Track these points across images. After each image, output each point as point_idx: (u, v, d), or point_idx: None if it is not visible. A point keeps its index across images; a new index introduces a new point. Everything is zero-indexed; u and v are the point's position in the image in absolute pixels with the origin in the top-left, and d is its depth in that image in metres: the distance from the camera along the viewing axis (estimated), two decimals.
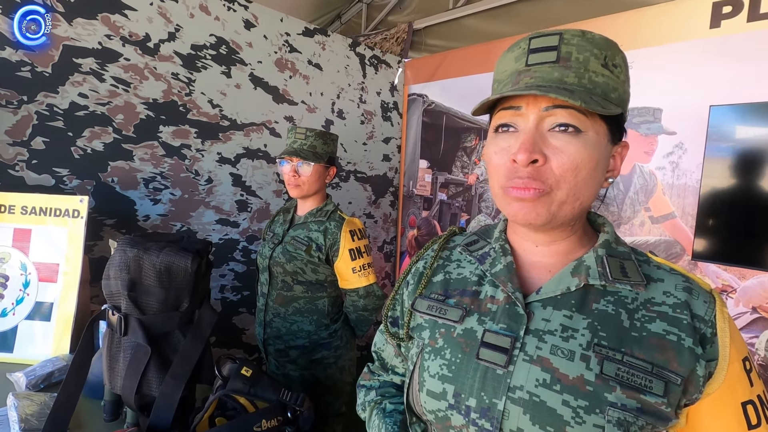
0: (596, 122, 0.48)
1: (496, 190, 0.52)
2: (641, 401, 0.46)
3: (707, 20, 1.52)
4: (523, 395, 0.48)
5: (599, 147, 0.49)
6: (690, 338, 0.48)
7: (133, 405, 0.83)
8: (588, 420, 0.45)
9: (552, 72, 0.47)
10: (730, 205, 1.49)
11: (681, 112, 1.59)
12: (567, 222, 0.52)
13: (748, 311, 1.48)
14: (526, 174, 0.48)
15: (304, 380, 1.43)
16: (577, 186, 0.48)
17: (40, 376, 1.04)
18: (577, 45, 0.47)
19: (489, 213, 2.30)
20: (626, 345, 0.48)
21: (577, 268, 0.53)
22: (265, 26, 1.92)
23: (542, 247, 0.56)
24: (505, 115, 0.51)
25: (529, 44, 0.49)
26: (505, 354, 0.50)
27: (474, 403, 0.50)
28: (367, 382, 0.75)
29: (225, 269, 1.91)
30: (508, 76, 0.51)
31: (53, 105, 1.40)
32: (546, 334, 0.50)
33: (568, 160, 0.47)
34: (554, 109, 0.47)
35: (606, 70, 0.48)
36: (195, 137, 1.75)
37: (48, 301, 1.20)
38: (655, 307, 0.50)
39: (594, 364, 0.47)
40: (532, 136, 0.48)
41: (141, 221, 1.63)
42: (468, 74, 2.32)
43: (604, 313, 0.50)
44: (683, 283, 0.51)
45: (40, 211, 1.22)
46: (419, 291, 0.62)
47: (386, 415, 0.66)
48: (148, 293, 0.84)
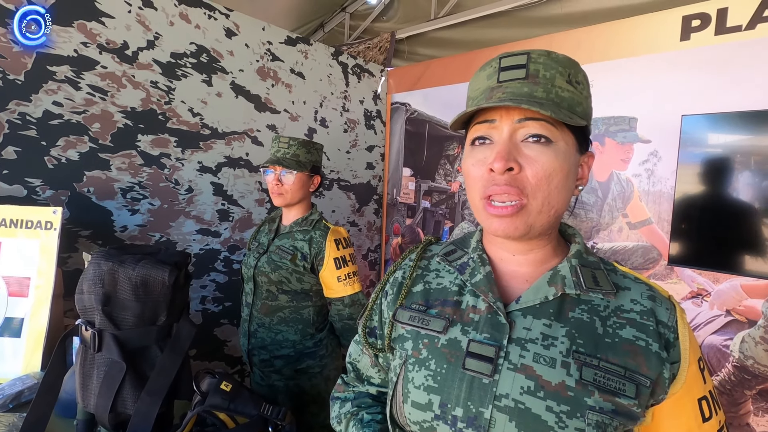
0: (565, 133, 0.51)
1: (476, 202, 0.54)
2: (616, 403, 0.49)
3: (677, 33, 1.58)
4: (509, 403, 0.49)
5: (569, 156, 0.52)
6: (656, 343, 0.51)
7: (107, 424, 0.80)
8: (570, 424, 0.47)
9: (522, 87, 0.50)
10: (703, 211, 1.53)
11: (655, 121, 1.65)
12: (544, 231, 0.55)
13: (722, 314, 1.53)
14: (504, 181, 0.50)
15: (289, 390, 1.41)
16: (551, 194, 0.51)
17: (9, 396, 0.99)
18: (544, 63, 0.51)
19: (472, 220, 2.32)
20: (601, 351, 0.51)
21: (553, 277, 0.55)
22: (247, 35, 1.91)
23: (519, 256, 0.58)
24: (480, 129, 0.53)
25: (499, 63, 0.52)
26: (491, 363, 0.51)
27: (461, 412, 0.51)
28: (342, 393, 0.74)
29: (206, 280, 1.88)
30: (481, 93, 0.54)
31: (26, 113, 1.36)
32: (528, 342, 0.52)
33: (542, 169, 0.50)
34: (526, 121, 0.50)
35: (570, 86, 0.51)
36: (175, 146, 1.72)
37: (18, 317, 1.15)
38: (624, 314, 0.53)
39: (574, 370, 0.50)
40: (507, 146, 0.50)
41: (118, 232, 1.59)
42: (450, 83, 2.35)
43: (579, 321, 0.53)
44: (647, 291, 0.55)
45: (11, 223, 1.18)
46: (400, 301, 0.62)
47: (364, 425, 0.65)
48: (123, 308, 0.82)
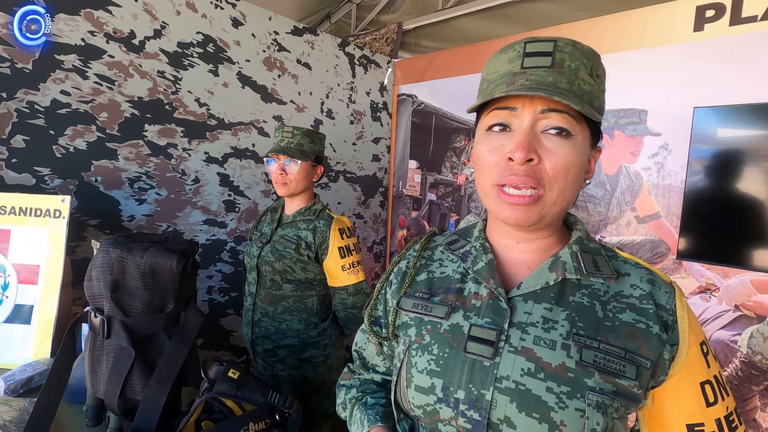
0: (583, 127, 0.51)
1: (488, 189, 0.54)
2: (616, 385, 0.49)
3: (691, 24, 1.54)
4: (510, 384, 0.50)
5: (584, 150, 0.52)
6: (656, 325, 0.52)
7: (116, 409, 0.81)
8: (570, 404, 0.48)
9: (546, 76, 0.49)
10: (714, 205, 1.51)
11: (666, 113, 1.62)
12: (552, 221, 0.55)
13: (730, 309, 1.51)
14: (522, 172, 0.49)
15: (292, 380, 1.42)
16: (566, 187, 0.51)
17: (20, 381, 1.01)
18: (570, 53, 0.50)
19: (478, 213, 2.30)
20: (601, 333, 0.52)
21: (554, 263, 0.55)
22: (254, 25, 1.90)
23: (523, 244, 0.58)
24: (499, 115, 0.52)
25: (524, 48, 0.51)
26: (492, 346, 0.52)
27: (462, 395, 0.52)
28: (348, 381, 0.75)
29: (212, 270, 1.89)
30: (500, 77, 0.53)
31: (34, 102, 1.37)
32: (528, 326, 0.53)
33: (561, 162, 0.50)
34: (549, 113, 0.50)
35: (591, 79, 0.51)
36: (181, 136, 1.72)
37: (28, 304, 1.16)
38: (624, 298, 0.54)
39: (574, 352, 0.50)
40: (528, 136, 0.50)
41: (126, 222, 1.60)
42: (457, 75, 2.32)
43: (580, 305, 0.53)
44: (647, 275, 0.55)
45: (20, 211, 1.19)
46: (404, 290, 0.63)
47: (368, 408, 0.67)
48: (131, 295, 0.82)
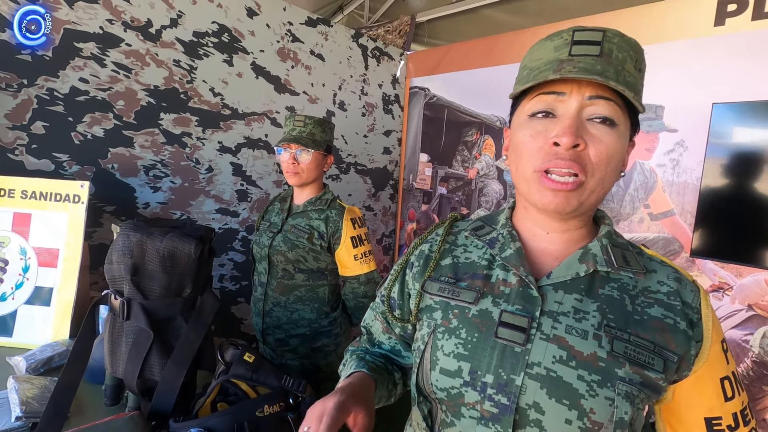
0: (626, 118, 0.52)
1: (529, 174, 0.53)
2: (644, 376, 0.51)
3: (712, 18, 1.52)
4: (541, 371, 0.51)
5: (625, 142, 0.53)
6: (684, 321, 0.53)
7: (135, 389, 0.83)
8: (600, 393, 0.49)
9: (595, 64, 0.49)
10: (730, 203, 1.49)
11: (683, 109, 1.60)
12: (588, 210, 0.55)
13: (743, 308, 1.50)
14: (568, 156, 0.50)
15: (303, 369, 1.43)
16: (606, 176, 0.52)
17: (40, 360, 1.03)
18: (618, 44, 0.50)
19: (488, 208, 2.30)
20: (631, 326, 0.52)
21: (584, 255, 0.56)
22: (268, 15, 1.91)
23: (553, 234, 0.58)
24: (545, 99, 0.52)
25: (572, 36, 0.51)
26: (524, 333, 0.53)
27: (491, 379, 0.53)
28: (354, 347, 0.76)
29: (224, 259, 1.91)
30: (545, 64, 0.52)
31: (53, 89, 1.39)
32: (560, 315, 0.53)
33: (605, 150, 0.50)
34: (597, 99, 0.50)
35: (636, 71, 0.51)
36: (196, 125, 1.74)
37: (48, 286, 1.19)
38: (652, 294, 0.55)
39: (605, 342, 0.51)
40: (575, 121, 0.50)
41: (141, 209, 1.63)
42: (471, 68, 2.31)
43: (610, 298, 0.54)
44: (674, 273, 0.57)
45: (41, 195, 1.21)
46: (428, 273, 0.64)
47: (360, 360, 0.67)
48: (151, 278, 0.84)
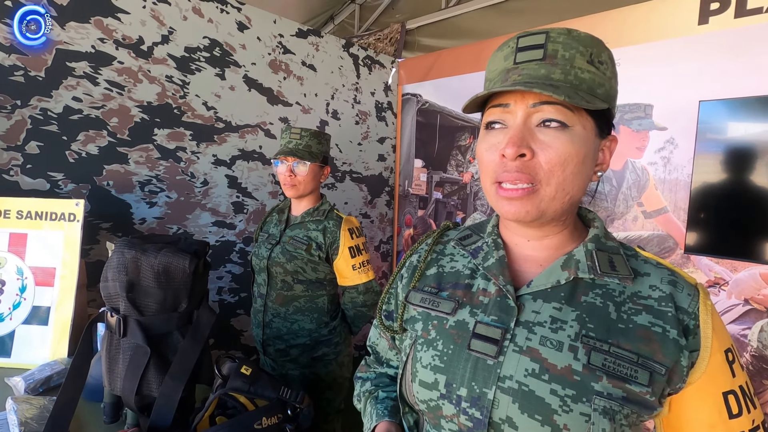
0: (583, 117, 0.49)
1: (488, 187, 0.54)
2: (627, 390, 0.47)
3: (695, 17, 1.54)
4: (513, 384, 0.49)
5: (587, 141, 0.50)
6: (674, 329, 0.49)
7: (133, 406, 0.83)
8: (575, 408, 0.46)
9: (539, 69, 0.48)
10: (721, 199, 1.51)
11: (671, 107, 1.62)
12: (557, 217, 0.53)
13: (740, 303, 1.51)
14: (515, 168, 0.49)
15: (305, 378, 1.43)
16: (565, 181, 0.49)
17: (39, 380, 1.03)
18: (563, 43, 0.48)
19: (484, 211, 2.31)
20: (613, 336, 0.49)
21: (567, 262, 0.54)
22: (258, 28, 1.93)
23: (534, 242, 0.57)
24: (494, 113, 0.52)
25: (517, 43, 0.51)
26: (496, 345, 0.51)
27: (465, 392, 0.51)
28: (364, 374, 0.77)
29: (222, 271, 1.91)
30: (497, 74, 0.53)
31: (47, 109, 1.40)
32: (536, 325, 0.51)
33: (556, 155, 0.48)
34: (541, 105, 0.48)
35: (592, 66, 0.49)
36: (190, 139, 1.75)
37: (45, 306, 1.19)
38: (641, 300, 0.51)
39: (581, 354, 0.48)
40: (520, 131, 0.49)
41: (137, 224, 1.63)
42: (461, 73, 2.33)
43: (592, 306, 0.51)
44: (669, 276, 0.53)
45: (36, 215, 1.22)
46: (413, 284, 0.63)
47: (378, 402, 0.68)
48: (146, 294, 0.85)
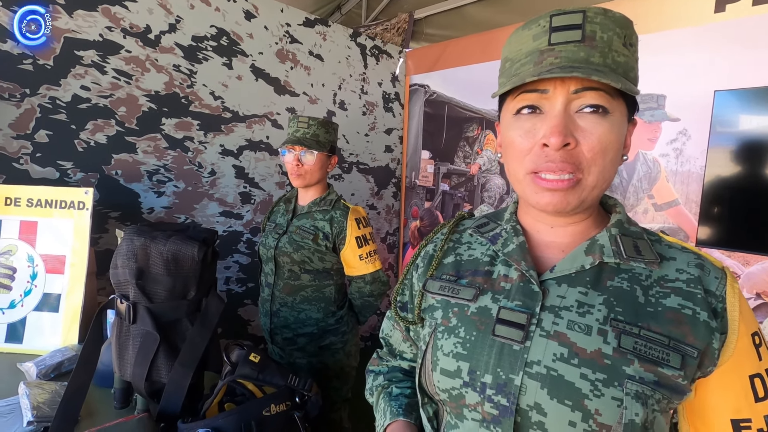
0: (619, 102, 0.48)
1: (520, 176, 0.51)
2: (658, 374, 0.46)
3: (712, 4, 1.50)
4: (541, 370, 0.48)
5: (622, 127, 0.49)
6: (705, 312, 0.48)
7: (143, 392, 0.84)
8: (606, 393, 0.46)
9: (578, 52, 0.46)
10: (735, 191, 1.48)
11: (685, 98, 1.58)
12: (591, 205, 0.52)
13: (752, 297, 1.49)
14: (559, 158, 0.47)
15: (312, 367, 1.44)
16: (605, 168, 0.48)
17: (50, 366, 1.05)
18: (601, 23, 0.46)
19: (491, 203, 2.29)
20: (642, 320, 0.48)
21: (590, 247, 0.52)
22: (266, 17, 1.91)
23: (558, 228, 0.56)
24: (528, 98, 0.49)
25: (550, 22, 0.47)
26: (522, 330, 0.50)
27: (490, 379, 0.50)
28: (376, 367, 0.76)
29: (229, 261, 1.92)
30: (525, 55, 0.49)
31: (56, 98, 1.40)
32: (562, 310, 0.50)
33: (598, 142, 0.47)
34: (583, 92, 0.46)
35: (626, 49, 0.47)
36: (197, 129, 1.75)
37: (56, 293, 1.21)
38: (669, 283, 0.50)
39: (611, 338, 0.47)
40: (563, 119, 0.46)
41: (145, 213, 1.64)
42: (469, 63, 2.30)
43: (619, 290, 0.50)
44: (695, 260, 0.51)
45: (46, 203, 1.23)
46: (430, 273, 0.62)
47: (392, 398, 0.67)
48: (155, 281, 0.85)
